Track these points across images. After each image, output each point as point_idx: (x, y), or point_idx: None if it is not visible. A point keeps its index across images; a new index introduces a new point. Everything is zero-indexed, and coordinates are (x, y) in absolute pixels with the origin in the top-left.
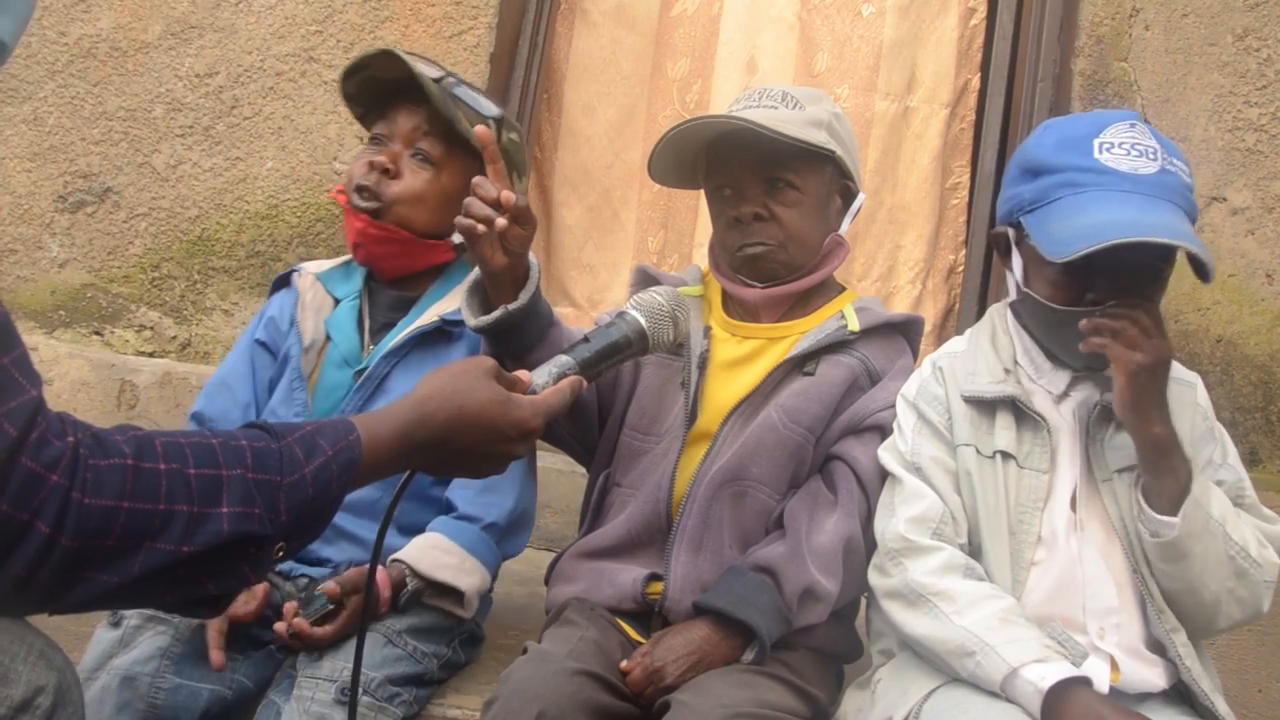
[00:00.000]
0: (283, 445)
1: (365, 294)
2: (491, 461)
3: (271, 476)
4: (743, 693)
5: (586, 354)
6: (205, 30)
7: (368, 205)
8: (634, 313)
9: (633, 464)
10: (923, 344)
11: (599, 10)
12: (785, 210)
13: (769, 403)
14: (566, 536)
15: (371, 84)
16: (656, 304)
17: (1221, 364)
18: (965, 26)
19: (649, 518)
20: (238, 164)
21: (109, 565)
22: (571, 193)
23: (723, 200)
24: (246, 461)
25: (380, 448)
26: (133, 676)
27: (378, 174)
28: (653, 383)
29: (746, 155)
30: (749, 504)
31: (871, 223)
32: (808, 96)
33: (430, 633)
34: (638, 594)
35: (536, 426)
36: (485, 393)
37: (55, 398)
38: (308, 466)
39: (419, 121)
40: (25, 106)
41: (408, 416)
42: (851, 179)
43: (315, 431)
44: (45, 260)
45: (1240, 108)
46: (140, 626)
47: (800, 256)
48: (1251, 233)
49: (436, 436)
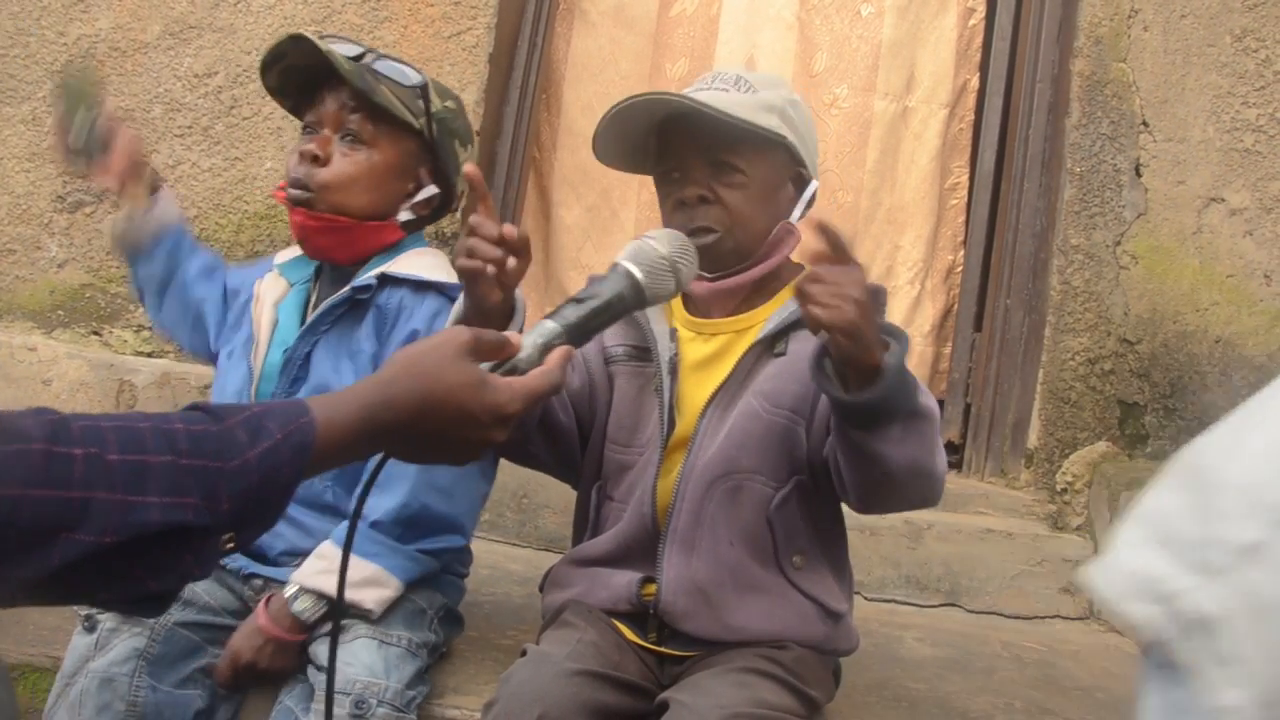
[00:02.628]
0: (223, 428)
1: (317, 278)
2: (465, 448)
3: (209, 462)
4: (741, 693)
5: (574, 317)
6: (204, 30)
7: (299, 196)
8: (626, 264)
9: (621, 477)
10: (921, 344)
11: (598, 10)
12: (730, 193)
13: (745, 390)
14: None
15: (292, 73)
16: (652, 252)
17: (1220, 365)
18: (964, 26)
19: (635, 529)
20: (236, 164)
21: (22, 558)
22: (570, 193)
23: (670, 184)
24: (180, 447)
25: (337, 431)
26: (111, 678)
27: (307, 164)
28: (627, 394)
29: (693, 138)
30: (746, 497)
31: (870, 223)
32: (763, 81)
33: (411, 618)
34: (632, 596)
35: (515, 411)
36: (457, 374)
37: (54, 398)
38: (251, 451)
39: (343, 100)
40: (24, 107)
41: (369, 399)
42: (805, 166)
43: (263, 414)
44: (44, 260)
45: (1239, 108)
46: (115, 629)
47: (747, 242)
48: (1250, 233)
49: (403, 420)
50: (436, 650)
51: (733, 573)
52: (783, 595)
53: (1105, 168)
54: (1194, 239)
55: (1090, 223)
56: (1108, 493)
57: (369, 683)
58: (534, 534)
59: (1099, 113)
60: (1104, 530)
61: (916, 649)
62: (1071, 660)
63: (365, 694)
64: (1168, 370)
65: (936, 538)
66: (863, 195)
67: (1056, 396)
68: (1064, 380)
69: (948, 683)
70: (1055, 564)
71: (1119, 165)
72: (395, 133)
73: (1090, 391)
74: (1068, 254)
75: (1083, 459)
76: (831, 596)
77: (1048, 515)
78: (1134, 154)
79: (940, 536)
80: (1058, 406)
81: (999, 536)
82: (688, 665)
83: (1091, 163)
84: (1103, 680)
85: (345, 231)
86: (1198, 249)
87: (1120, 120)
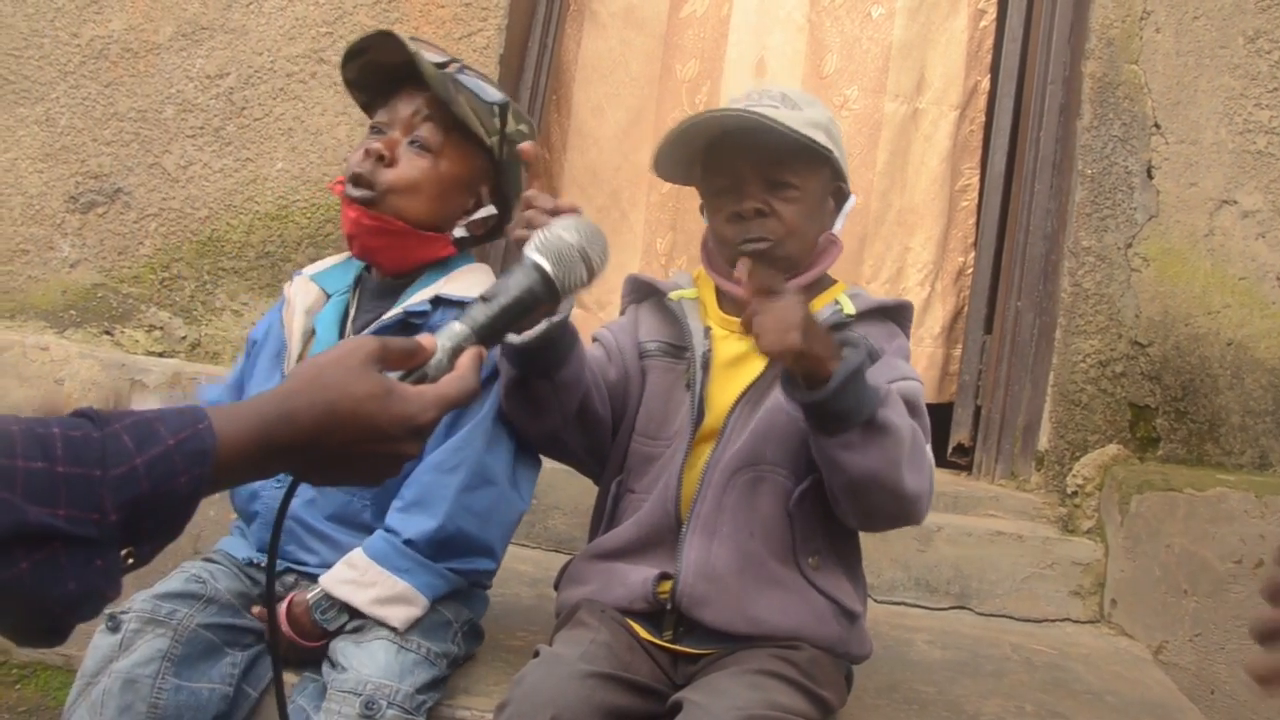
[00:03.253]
0: (107, 434)
1: (356, 288)
2: (377, 464)
3: (89, 470)
4: (755, 694)
5: (483, 318)
6: (216, 31)
7: (361, 194)
8: (534, 256)
9: (645, 470)
10: (931, 346)
11: (608, 12)
12: (785, 207)
13: (775, 389)
14: (575, 538)
15: (373, 69)
16: (560, 243)
17: (1232, 368)
18: (975, 28)
19: (658, 519)
20: (248, 165)
21: None
22: (580, 194)
23: (723, 196)
24: (54, 453)
25: (235, 444)
26: (134, 679)
27: (373, 161)
28: (658, 388)
29: (750, 152)
30: (765, 488)
31: (880, 225)
32: (804, 99)
33: (434, 629)
34: (648, 594)
35: (428, 421)
36: (361, 386)
37: (66, 397)
38: (139, 458)
39: (418, 106)
40: (38, 107)
41: (268, 412)
42: (844, 181)
43: (155, 419)
44: (56, 260)
45: (1251, 110)
46: (139, 630)
47: (798, 253)
48: (1262, 235)
49: (304, 438)
50: (456, 662)
51: (752, 564)
52: (800, 592)
53: (1117, 170)
54: (1206, 241)
55: (1101, 225)
56: (1119, 495)
57: (380, 684)
58: (544, 535)
59: (1110, 114)
60: (1114, 533)
61: (926, 652)
62: (1082, 664)
63: (376, 695)
64: (1179, 373)
65: (946, 540)
66: (873, 197)
67: (1067, 399)
68: (1075, 383)
69: (958, 686)
70: (1066, 567)
71: (1131, 167)
72: (465, 146)
73: (1101, 394)
74: (1079, 256)
75: (1093, 462)
76: (847, 597)
77: (1058, 518)
78: (1146, 156)
79: (950, 539)
80: (1068, 409)
81: (1009, 539)
82: (702, 665)
83: (1103, 165)
84: (1113, 684)
85: (399, 236)
86: (1210, 251)
87: (1132, 122)
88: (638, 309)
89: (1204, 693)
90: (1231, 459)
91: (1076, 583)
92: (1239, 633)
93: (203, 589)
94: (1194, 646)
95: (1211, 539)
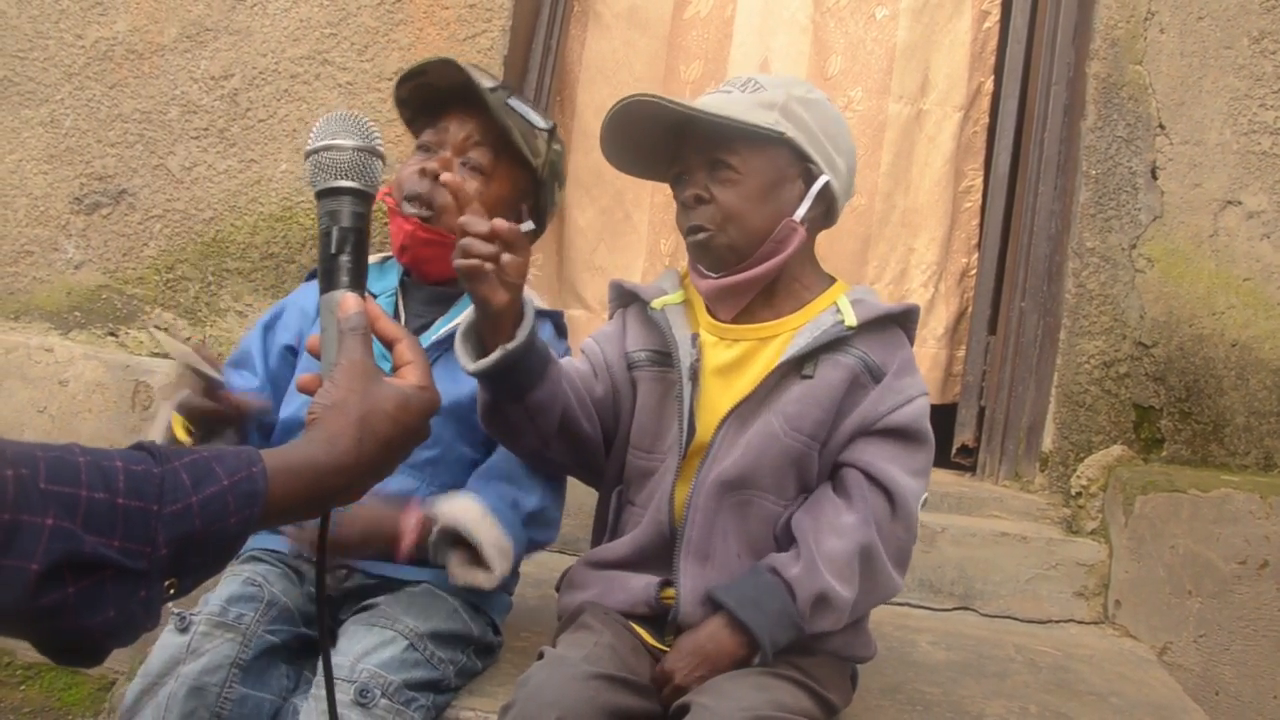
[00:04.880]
0: (166, 470)
1: (400, 291)
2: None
3: (147, 504)
4: (760, 695)
5: (351, 265)
6: (220, 33)
7: (420, 213)
8: (339, 182)
9: (642, 483)
10: (935, 347)
11: (612, 13)
12: (722, 190)
13: (767, 409)
14: (579, 539)
15: (425, 90)
16: (339, 159)
17: (1237, 368)
18: (979, 29)
19: (653, 536)
20: (252, 166)
21: None
22: (584, 195)
23: (678, 186)
24: (116, 485)
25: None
26: (201, 687)
27: (430, 181)
28: (650, 400)
29: (692, 140)
30: (754, 512)
31: (885, 226)
32: (775, 81)
33: (450, 640)
34: (651, 598)
35: (436, 396)
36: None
37: (70, 399)
38: (195, 495)
39: (470, 131)
40: (42, 109)
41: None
42: (813, 162)
43: (213, 458)
44: (61, 261)
45: (1256, 111)
46: (208, 633)
47: (742, 240)
48: (1267, 236)
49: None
50: (469, 674)
51: None
52: None
53: (1121, 170)
54: (1210, 242)
55: (1106, 225)
56: (1123, 496)
57: (375, 673)
58: None
59: (1115, 115)
60: (1119, 534)
61: (930, 653)
62: (1086, 665)
63: (370, 683)
64: (1183, 374)
65: (950, 541)
66: (877, 198)
67: (1071, 400)
68: (1079, 383)
69: (961, 687)
70: (1070, 568)
71: (1135, 168)
72: (513, 168)
73: (1105, 395)
74: (1083, 257)
75: (1097, 462)
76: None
77: (1062, 519)
78: (1150, 156)
79: (954, 540)
80: (1072, 410)
81: (1013, 540)
82: None
83: (1107, 165)
84: (1117, 685)
85: (450, 249)
86: (1214, 252)
87: (1136, 123)
88: (625, 314)
89: (1209, 694)
90: (1236, 460)
91: (1081, 584)
92: (1244, 633)
93: (260, 591)
94: (1198, 647)
95: (1216, 540)
